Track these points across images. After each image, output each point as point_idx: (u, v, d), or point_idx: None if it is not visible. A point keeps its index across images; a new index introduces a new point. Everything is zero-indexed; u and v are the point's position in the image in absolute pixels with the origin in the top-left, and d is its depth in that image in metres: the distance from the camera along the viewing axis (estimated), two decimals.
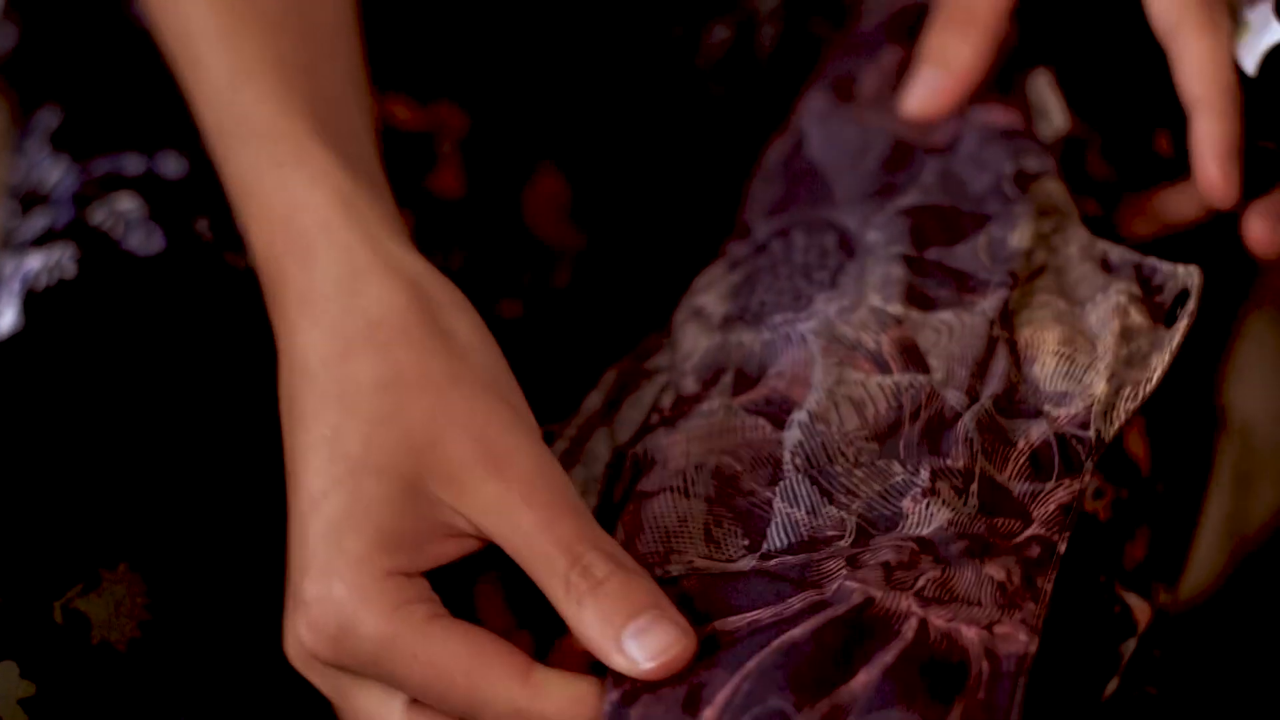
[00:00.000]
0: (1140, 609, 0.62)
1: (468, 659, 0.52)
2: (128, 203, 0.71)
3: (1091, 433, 0.57)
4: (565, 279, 0.79)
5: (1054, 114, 0.70)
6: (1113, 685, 0.61)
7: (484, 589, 0.59)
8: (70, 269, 0.67)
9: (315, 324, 0.56)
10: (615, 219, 0.81)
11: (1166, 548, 0.66)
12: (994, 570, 0.53)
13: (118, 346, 0.65)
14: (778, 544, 0.56)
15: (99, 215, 0.70)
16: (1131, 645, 0.61)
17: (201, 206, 0.70)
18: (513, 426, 0.54)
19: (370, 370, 0.54)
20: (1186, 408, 0.77)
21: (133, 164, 0.73)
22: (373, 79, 0.75)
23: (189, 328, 0.66)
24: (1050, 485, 0.56)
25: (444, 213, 0.77)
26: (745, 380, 0.60)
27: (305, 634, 0.53)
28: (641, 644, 0.51)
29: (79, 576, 0.58)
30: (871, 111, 0.70)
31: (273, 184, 0.59)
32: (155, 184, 0.72)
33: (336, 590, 0.52)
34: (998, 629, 0.52)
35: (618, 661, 0.51)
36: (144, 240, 0.69)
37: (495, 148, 0.79)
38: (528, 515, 0.53)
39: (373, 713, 0.55)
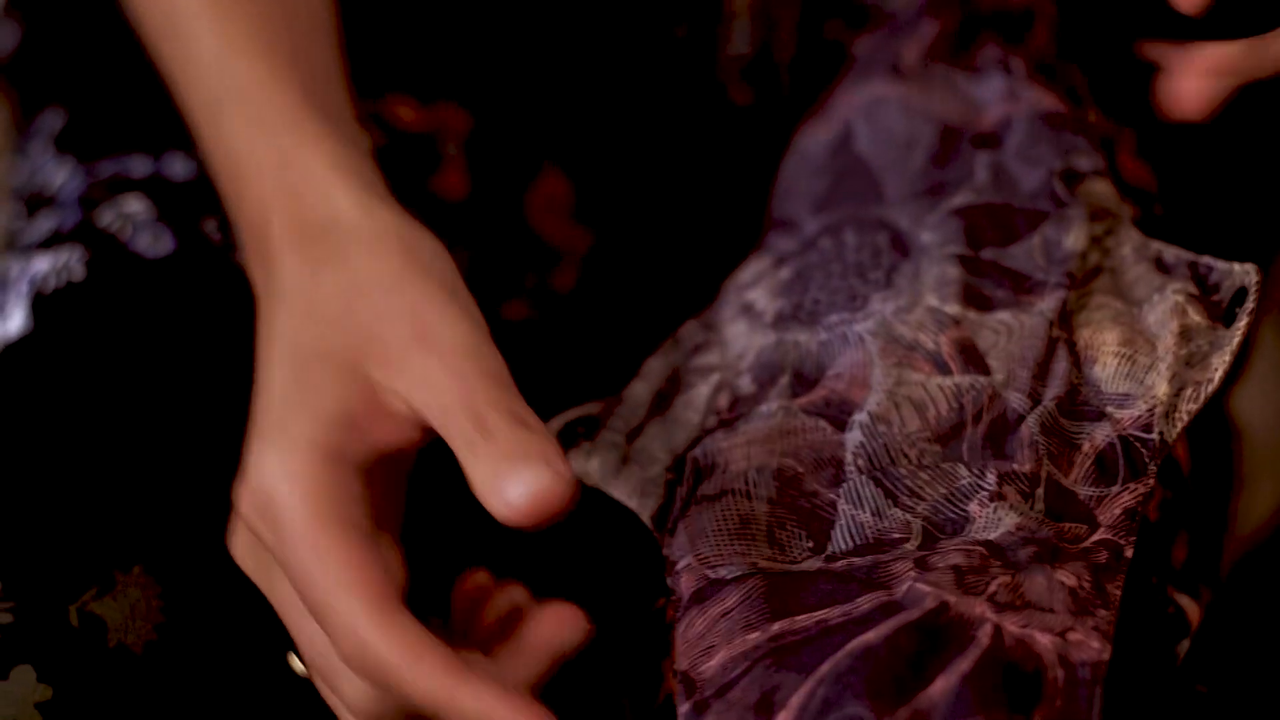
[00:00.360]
0: (1191, 609, 0.62)
1: (335, 571, 0.51)
2: (135, 204, 0.70)
3: (1155, 435, 0.56)
4: (570, 280, 0.79)
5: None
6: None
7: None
8: (79, 271, 0.67)
9: (293, 253, 0.56)
10: (620, 219, 0.81)
11: (1205, 548, 0.66)
12: (1065, 576, 0.53)
13: (128, 348, 0.64)
14: (842, 546, 0.55)
15: (107, 217, 0.70)
16: (1185, 646, 0.61)
17: (210, 207, 0.70)
18: (447, 307, 0.55)
19: (332, 280, 0.55)
20: (1211, 411, 0.77)
21: (139, 166, 0.72)
22: (375, 80, 0.75)
23: (199, 329, 0.66)
24: (1116, 489, 0.56)
25: (448, 214, 0.76)
26: (803, 381, 0.60)
27: (243, 507, 0.53)
28: (520, 486, 0.50)
29: (94, 580, 0.58)
30: (917, 90, 0.69)
31: (264, 146, 0.59)
32: (162, 186, 0.71)
33: (269, 460, 0.52)
34: (1071, 636, 0.51)
35: (497, 508, 0.50)
36: (152, 242, 0.69)
37: (498, 148, 0.79)
38: (452, 387, 0.52)
39: (284, 604, 0.55)
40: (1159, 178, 0.71)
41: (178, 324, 0.65)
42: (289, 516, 0.51)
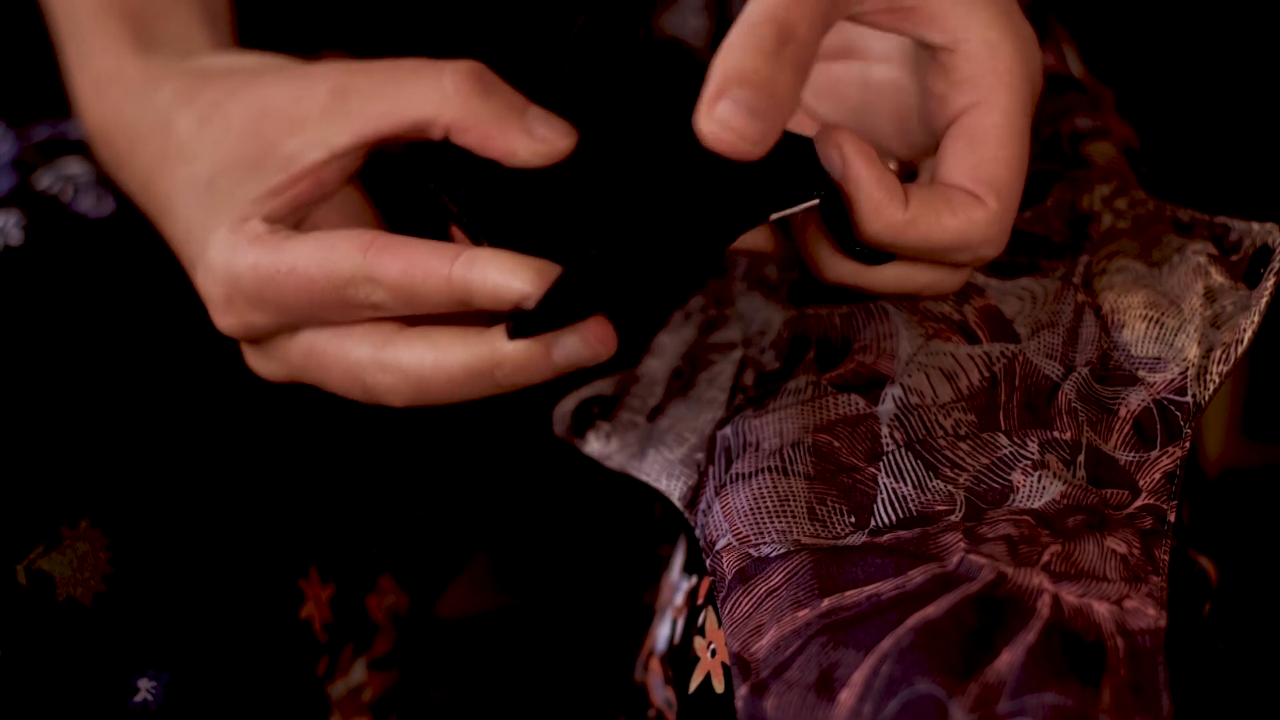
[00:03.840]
0: (1209, 568, 0.62)
1: (315, 250, 0.54)
2: (75, 166, 0.69)
3: (1189, 398, 0.56)
4: None
5: (1069, 63, 0.69)
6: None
7: (476, 561, 0.58)
8: (16, 236, 0.66)
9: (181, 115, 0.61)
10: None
11: (1205, 510, 0.66)
12: (1115, 544, 0.53)
13: (71, 308, 0.64)
14: (886, 520, 0.55)
15: (45, 180, 0.69)
16: (1207, 606, 0.61)
17: None
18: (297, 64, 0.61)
19: (188, 114, 0.60)
20: None
21: (76, 128, 0.72)
22: (310, 37, 0.76)
23: (144, 287, 0.65)
24: (1155, 454, 0.56)
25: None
26: (829, 354, 0.59)
27: (220, 316, 0.58)
28: None
29: (40, 537, 0.58)
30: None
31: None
32: None
33: (211, 256, 0.56)
34: (1127, 604, 0.51)
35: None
36: (95, 203, 0.68)
37: None
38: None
39: (293, 357, 0.58)
40: (1141, 137, 0.71)
41: (124, 282, 0.65)
42: (258, 273, 0.55)
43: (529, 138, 0.57)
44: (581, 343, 0.53)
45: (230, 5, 0.69)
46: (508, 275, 0.51)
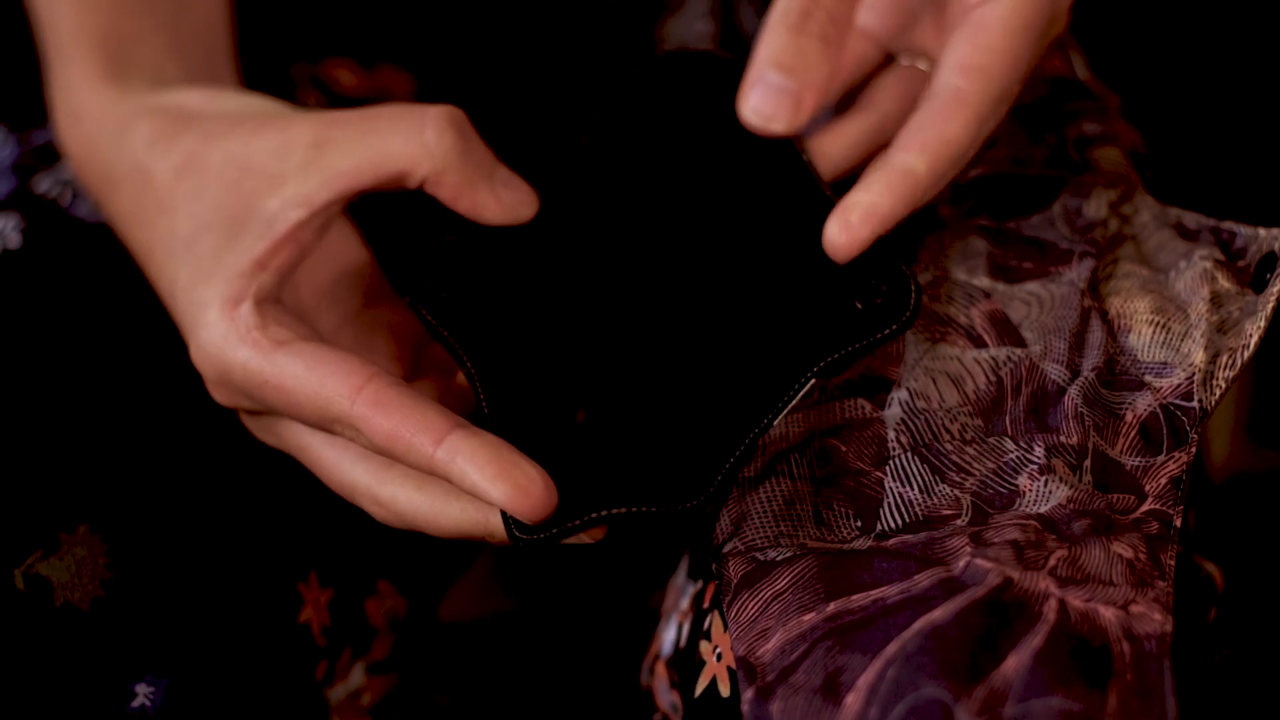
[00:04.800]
0: (1215, 573, 0.62)
1: (307, 379, 0.54)
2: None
3: (1195, 403, 0.56)
4: None
5: (1076, 68, 0.69)
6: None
7: (479, 565, 0.58)
8: (15, 239, 0.66)
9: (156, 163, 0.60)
10: None
11: (1210, 515, 0.66)
12: (1121, 548, 0.53)
13: (70, 312, 0.64)
14: (892, 524, 0.55)
15: (44, 184, 0.68)
16: (1213, 611, 0.61)
17: None
18: (275, 109, 0.61)
19: (165, 163, 0.59)
20: None
21: None
22: (316, 44, 0.74)
23: (143, 291, 0.65)
24: (1161, 458, 0.56)
25: None
26: None
27: (214, 392, 0.57)
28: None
29: (38, 542, 0.58)
30: None
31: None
32: None
33: (204, 338, 0.56)
34: (1133, 609, 0.51)
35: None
36: (93, 207, 0.67)
37: None
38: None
39: (288, 441, 0.58)
40: (1147, 141, 0.71)
41: (120, 286, 0.65)
42: (248, 372, 0.54)
43: (496, 200, 0.58)
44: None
45: (226, 21, 0.69)
46: (486, 483, 0.51)
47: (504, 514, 0.52)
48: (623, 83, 0.62)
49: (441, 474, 0.52)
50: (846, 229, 0.55)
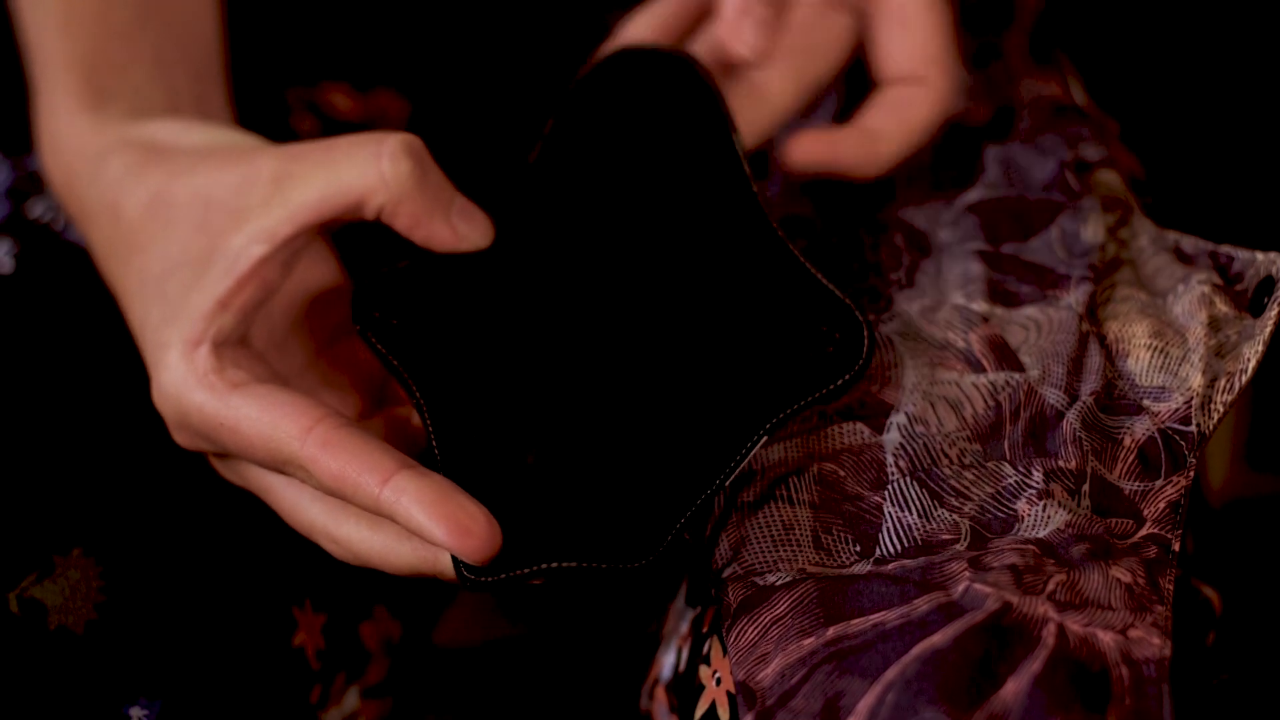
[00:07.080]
0: (1213, 597, 0.62)
1: (259, 421, 0.54)
2: None
3: (1193, 428, 0.56)
4: None
5: (1074, 93, 0.69)
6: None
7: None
8: (7, 264, 0.66)
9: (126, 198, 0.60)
10: None
11: (1208, 539, 0.66)
12: (1119, 573, 0.53)
13: (63, 336, 0.64)
14: (891, 549, 0.55)
15: (38, 208, 0.69)
16: (1211, 635, 0.61)
17: None
18: (242, 143, 0.61)
19: (134, 200, 0.59)
20: None
21: None
22: (311, 68, 0.74)
23: None
24: (1159, 483, 0.56)
25: None
26: None
27: (175, 435, 0.58)
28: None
29: (32, 565, 0.58)
30: None
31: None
32: None
33: (164, 380, 0.56)
34: (1132, 633, 0.51)
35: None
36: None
37: (436, 134, 0.77)
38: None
39: (252, 483, 0.58)
40: (1146, 167, 0.71)
41: (112, 310, 0.64)
42: (204, 415, 0.55)
43: (451, 231, 0.58)
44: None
45: (218, 45, 0.69)
46: (430, 523, 0.51)
47: (455, 562, 0.52)
48: (570, 92, 0.62)
49: (387, 513, 0.52)
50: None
